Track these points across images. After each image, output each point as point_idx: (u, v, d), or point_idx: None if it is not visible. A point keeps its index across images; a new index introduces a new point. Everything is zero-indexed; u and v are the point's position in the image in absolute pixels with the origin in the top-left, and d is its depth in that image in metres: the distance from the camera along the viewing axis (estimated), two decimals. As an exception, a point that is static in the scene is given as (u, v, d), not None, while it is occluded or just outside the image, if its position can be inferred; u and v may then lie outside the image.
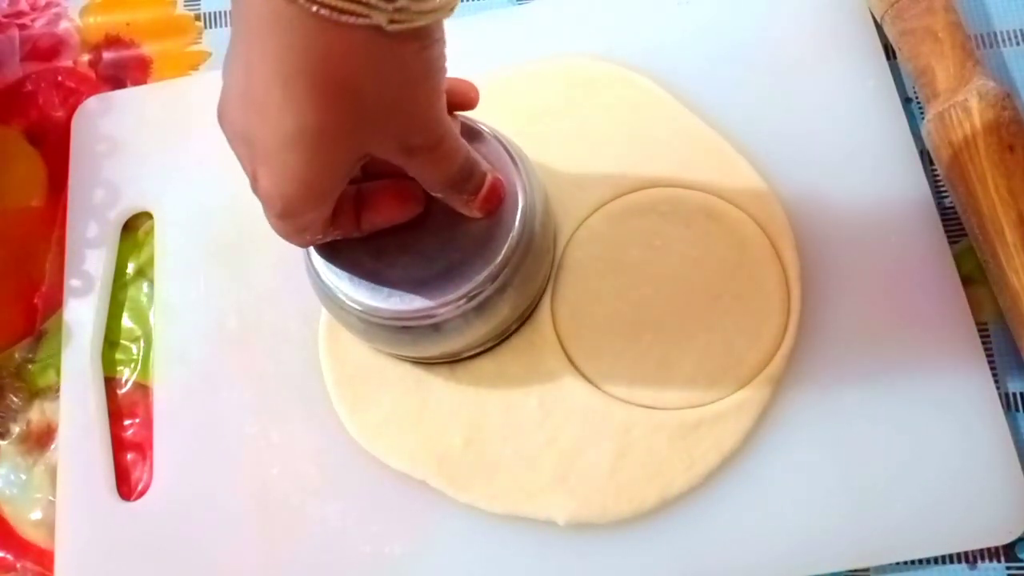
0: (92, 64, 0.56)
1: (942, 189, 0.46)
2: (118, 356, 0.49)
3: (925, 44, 0.46)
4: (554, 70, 0.50)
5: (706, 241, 0.45)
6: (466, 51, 0.50)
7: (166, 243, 0.50)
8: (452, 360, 0.44)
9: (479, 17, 0.52)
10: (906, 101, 0.48)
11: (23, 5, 0.58)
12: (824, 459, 0.41)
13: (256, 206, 0.34)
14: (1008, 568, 0.40)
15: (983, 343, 0.43)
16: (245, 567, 0.44)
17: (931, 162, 0.46)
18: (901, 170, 0.46)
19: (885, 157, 0.46)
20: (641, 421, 0.42)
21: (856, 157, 0.46)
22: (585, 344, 0.44)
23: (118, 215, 0.51)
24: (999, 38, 0.49)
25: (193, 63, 0.55)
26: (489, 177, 0.38)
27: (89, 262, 0.50)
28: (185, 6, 0.57)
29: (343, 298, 0.39)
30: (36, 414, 0.49)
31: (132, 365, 0.49)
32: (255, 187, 0.33)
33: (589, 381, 0.43)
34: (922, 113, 0.47)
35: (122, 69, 0.56)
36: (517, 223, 0.39)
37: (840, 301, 0.44)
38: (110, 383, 0.49)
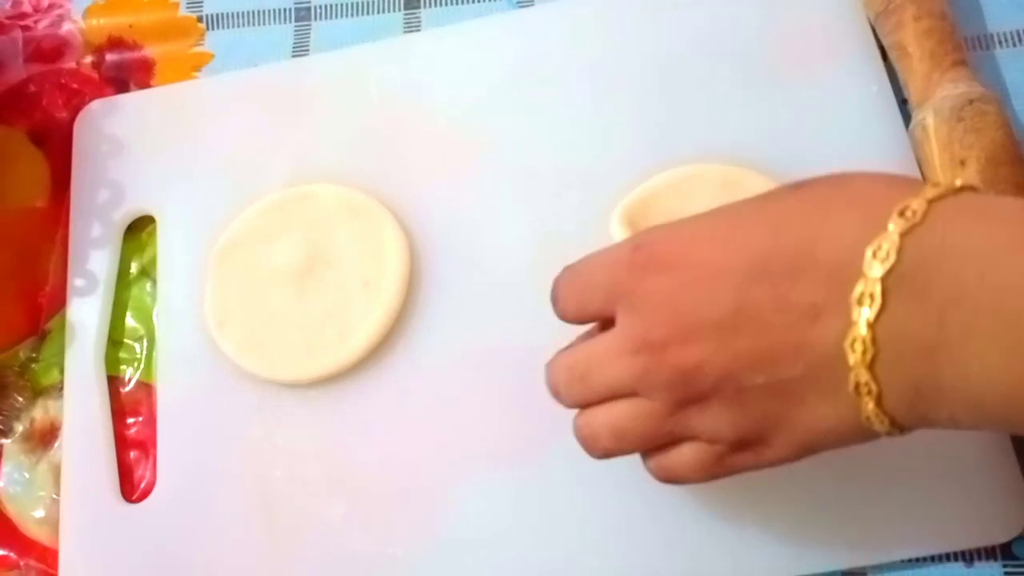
0: (95, 66, 0.57)
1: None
2: (121, 355, 0.50)
3: (901, 59, 0.47)
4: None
5: None
6: (465, 54, 0.51)
7: (169, 245, 0.50)
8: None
9: (479, 22, 0.52)
10: (903, 103, 0.48)
11: (26, 7, 0.58)
12: (820, 456, 0.41)
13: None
14: (1005, 566, 0.40)
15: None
16: (248, 568, 0.44)
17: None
18: (899, 172, 0.46)
19: (884, 160, 0.46)
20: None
21: (856, 161, 0.46)
22: None
23: (121, 217, 0.51)
24: (994, 40, 0.49)
25: (196, 65, 0.56)
26: None
27: (93, 262, 0.51)
28: (188, 8, 0.57)
29: None
30: (40, 412, 0.49)
31: (135, 364, 0.49)
32: None
33: None
34: (919, 116, 0.48)
35: (125, 71, 0.56)
36: None
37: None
38: (113, 382, 0.49)
